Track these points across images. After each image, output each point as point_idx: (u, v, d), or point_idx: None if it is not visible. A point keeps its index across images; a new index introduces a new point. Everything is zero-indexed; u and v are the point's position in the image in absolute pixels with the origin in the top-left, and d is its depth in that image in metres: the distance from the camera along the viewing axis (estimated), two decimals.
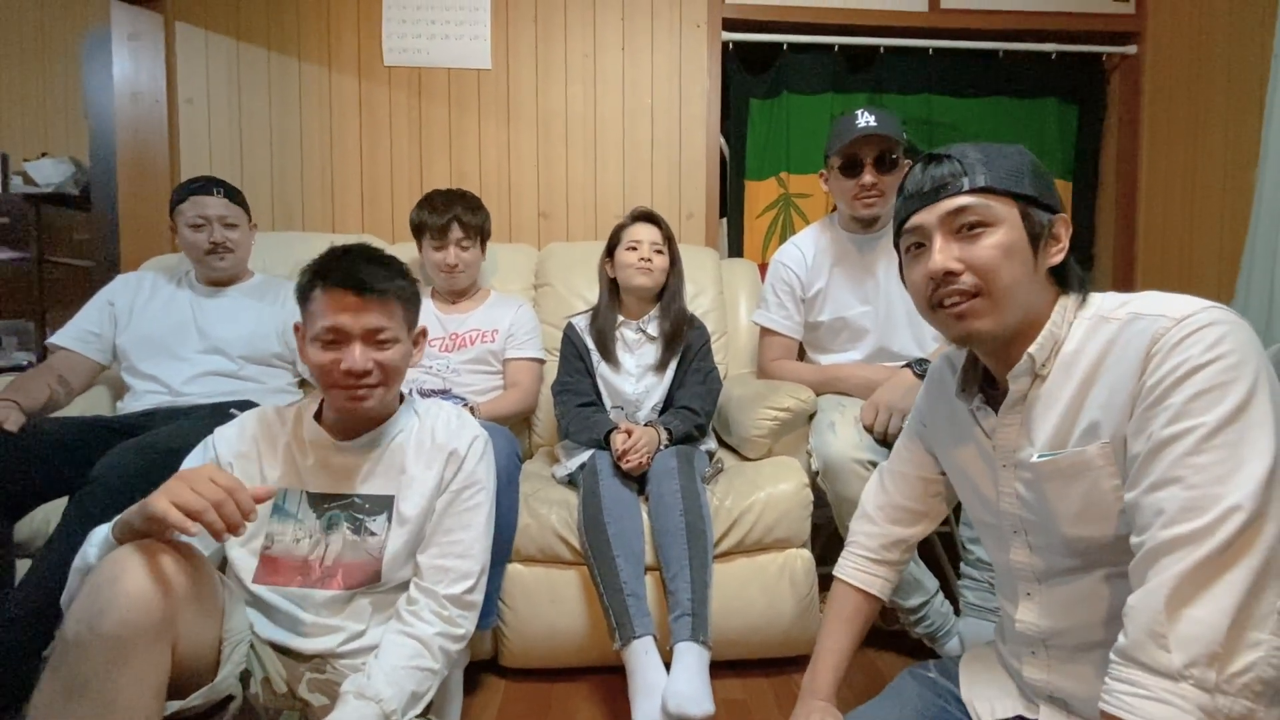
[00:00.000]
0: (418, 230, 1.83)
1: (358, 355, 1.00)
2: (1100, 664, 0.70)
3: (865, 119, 1.58)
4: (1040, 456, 0.74)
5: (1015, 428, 0.77)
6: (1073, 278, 0.76)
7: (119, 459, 1.26)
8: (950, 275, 0.74)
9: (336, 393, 1.03)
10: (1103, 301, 0.75)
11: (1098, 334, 0.72)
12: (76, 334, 1.65)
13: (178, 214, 1.68)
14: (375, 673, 0.96)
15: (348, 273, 1.00)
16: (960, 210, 0.74)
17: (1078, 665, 0.74)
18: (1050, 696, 0.77)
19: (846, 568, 0.99)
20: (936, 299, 0.76)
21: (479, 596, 1.10)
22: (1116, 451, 0.68)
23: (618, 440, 1.46)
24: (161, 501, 0.76)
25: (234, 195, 1.73)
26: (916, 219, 0.78)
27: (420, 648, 1.01)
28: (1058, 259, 0.75)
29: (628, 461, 1.43)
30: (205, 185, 1.69)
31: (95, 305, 1.70)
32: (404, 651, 1.00)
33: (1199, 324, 0.63)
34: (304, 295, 1.04)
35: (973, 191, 0.74)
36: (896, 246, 0.84)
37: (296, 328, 1.08)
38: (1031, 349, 0.74)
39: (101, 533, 0.86)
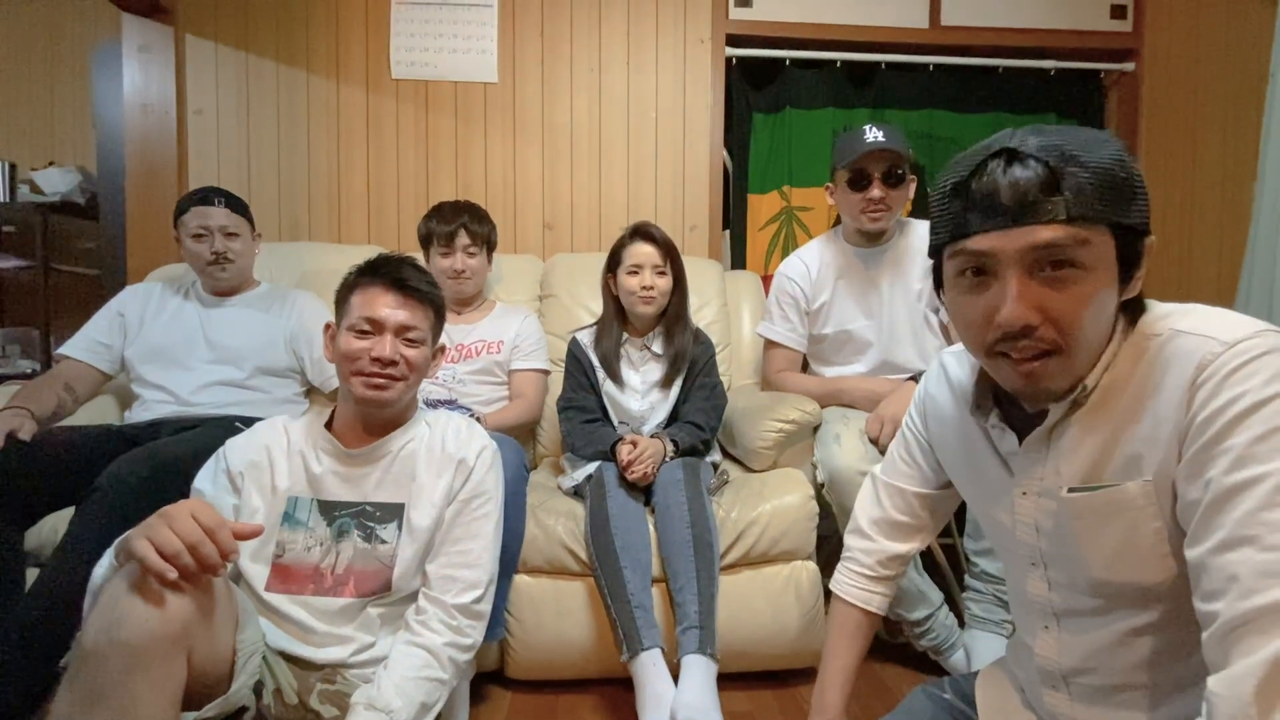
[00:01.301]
0: (425, 240, 1.85)
1: (388, 344, 1.07)
2: (1132, 704, 0.67)
3: (873, 134, 1.61)
4: (1071, 491, 0.66)
5: (1042, 455, 0.69)
6: (1139, 300, 0.66)
7: (123, 468, 1.26)
8: (1027, 330, 0.61)
9: (359, 382, 1.06)
10: (1146, 315, 0.65)
11: (1139, 354, 0.63)
12: (86, 344, 1.66)
13: (181, 225, 1.68)
14: (385, 684, 0.96)
15: (393, 272, 1.10)
16: (1049, 246, 0.59)
17: (1104, 706, 0.69)
18: None
19: (844, 584, 0.95)
20: (999, 349, 0.63)
21: (487, 606, 1.10)
22: (1160, 491, 0.60)
23: (623, 451, 1.47)
24: (141, 542, 0.76)
25: (237, 205, 1.73)
26: (985, 242, 0.61)
27: (429, 658, 1.01)
28: (1138, 288, 0.64)
29: (633, 472, 1.44)
30: (207, 195, 1.70)
31: (105, 316, 1.70)
32: (413, 662, 1.00)
33: (1255, 351, 0.55)
34: (348, 290, 1.12)
35: (1070, 221, 0.58)
36: (936, 252, 0.68)
37: (328, 326, 1.13)
38: (1089, 379, 0.64)
39: (109, 556, 0.86)
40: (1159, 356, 0.61)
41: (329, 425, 1.13)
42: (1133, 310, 0.65)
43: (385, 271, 1.11)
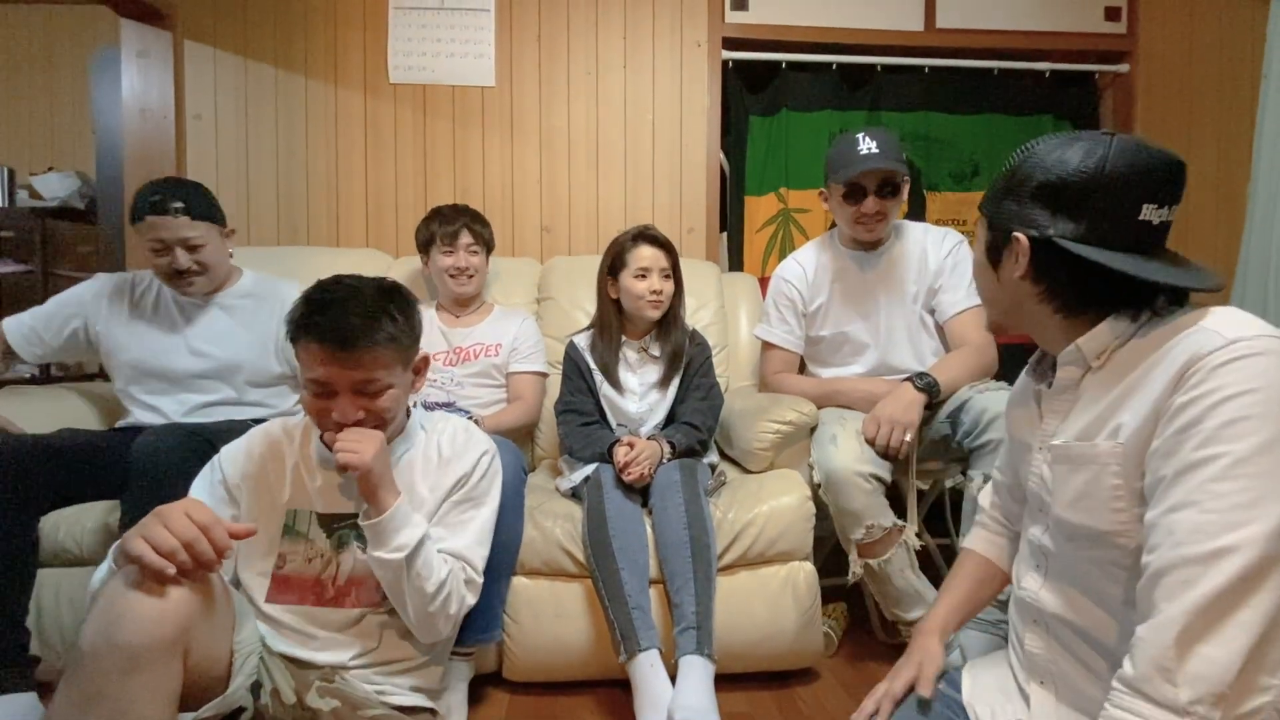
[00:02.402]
0: (426, 243, 1.86)
1: (347, 409, 0.99)
2: (1092, 657, 0.73)
3: (867, 145, 1.59)
4: (1058, 440, 0.75)
5: (1060, 413, 0.77)
6: (1125, 300, 0.73)
7: (153, 440, 1.28)
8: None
9: (331, 438, 1.02)
10: (1190, 311, 0.71)
11: (1161, 339, 0.69)
12: (19, 326, 1.57)
13: (138, 229, 1.50)
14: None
15: (329, 327, 0.96)
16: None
17: (1072, 650, 0.75)
18: (1042, 681, 0.78)
19: (969, 537, 1.00)
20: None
21: (473, 597, 1.11)
22: (1129, 455, 0.67)
23: (619, 453, 1.47)
24: (137, 542, 0.77)
25: (199, 209, 1.52)
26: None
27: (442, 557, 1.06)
28: (1016, 274, 0.76)
29: (630, 473, 1.44)
30: (162, 203, 1.48)
31: (60, 313, 1.60)
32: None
33: (1250, 350, 0.61)
34: (291, 339, 1.01)
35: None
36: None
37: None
38: (1080, 342, 0.73)
39: (108, 560, 0.86)
40: (1175, 343, 0.66)
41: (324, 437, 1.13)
42: (1167, 302, 0.72)
43: (324, 329, 0.96)
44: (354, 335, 0.96)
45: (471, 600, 1.10)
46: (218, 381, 1.60)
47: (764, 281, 2.04)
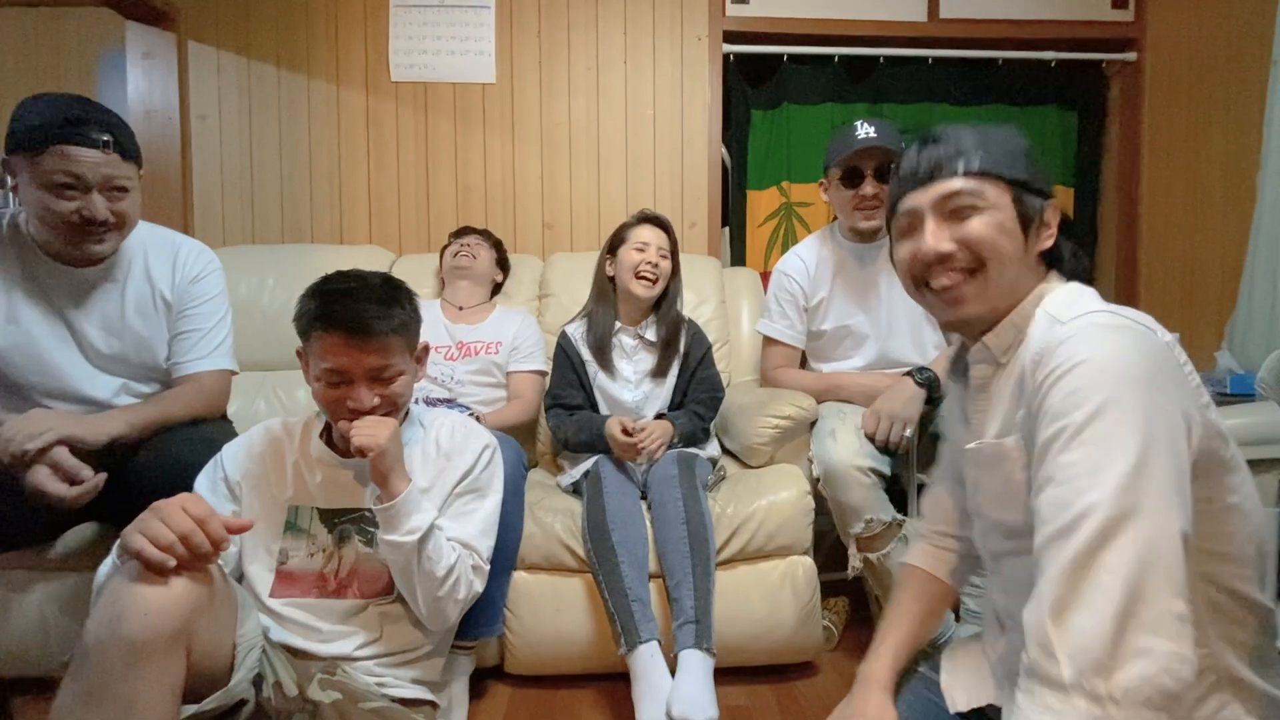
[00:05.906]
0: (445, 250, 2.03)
1: (364, 396, 1.03)
2: None
3: (865, 130, 1.60)
4: (971, 445, 0.78)
5: (982, 413, 0.79)
6: (1064, 264, 0.78)
7: (138, 476, 1.13)
8: (944, 258, 0.75)
9: (346, 425, 1.04)
10: (1069, 298, 0.74)
11: (1047, 332, 0.71)
12: None
13: (24, 160, 1.09)
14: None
15: (346, 316, 1.01)
16: (953, 194, 0.74)
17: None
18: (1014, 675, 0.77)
19: (910, 552, 0.96)
20: (924, 278, 0.78)
21: (480, 584, 1.13)
22: (1027, 447, 0.69)
23: (619, 426, 1.48)
24: (135, 537, 0.78)
25: (128, 145, 1.15)
26: (909, 201, 0.78)
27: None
28: (1048, 244, 0.77)
29: (643, 445, 1.45)
30: (83, 129, 1.09)
31: None
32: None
33: (1084, 326, 0.65)
34: (303, 333, 1.06)
35: (966, 175, 0.74)
36: (889, 228, 0.85)
37: (299, 353, 1.09)
38: (987, 338, 0.76)
39: (113, 555, 0.87)
40: (1034, 331, 0.73)
41: (325, 432, 1.14)
42: (1063, 270, 0.78)
43: (342, 318, 1.01)
44: (371, 322, 1.01)
45: (479, 587, 1.12)
46: (125, 383, 1.26)
47: (766, 276, 2.04)
